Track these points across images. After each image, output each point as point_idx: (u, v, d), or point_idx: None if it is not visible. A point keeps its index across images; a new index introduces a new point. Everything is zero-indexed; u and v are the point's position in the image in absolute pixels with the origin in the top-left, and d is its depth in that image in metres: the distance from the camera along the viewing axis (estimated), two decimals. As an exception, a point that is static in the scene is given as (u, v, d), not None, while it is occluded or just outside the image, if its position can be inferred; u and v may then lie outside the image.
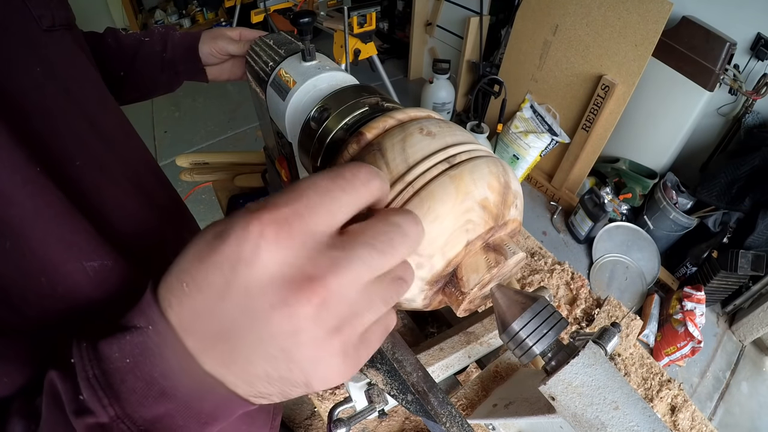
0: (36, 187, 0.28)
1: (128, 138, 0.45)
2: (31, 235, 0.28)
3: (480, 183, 0.31)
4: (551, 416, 0.35)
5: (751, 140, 1.66)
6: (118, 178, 0.39)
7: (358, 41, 1.98)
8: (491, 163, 0.32)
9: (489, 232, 0.33)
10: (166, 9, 3.69)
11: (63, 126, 0.34)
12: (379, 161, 0.32)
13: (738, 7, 1.61)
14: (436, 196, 0.30)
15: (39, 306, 0.30)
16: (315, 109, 0.46)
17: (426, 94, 2.61)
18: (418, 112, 0.38)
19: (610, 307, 0.82)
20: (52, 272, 0.30)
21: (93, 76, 0.41)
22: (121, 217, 0.37)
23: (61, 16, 0.37)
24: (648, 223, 1.89)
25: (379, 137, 0.34)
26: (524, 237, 0.97)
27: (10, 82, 0.29)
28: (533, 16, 2.04)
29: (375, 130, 0.35)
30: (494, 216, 0.32)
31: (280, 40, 0.56)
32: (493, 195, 0.32)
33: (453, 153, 0.32)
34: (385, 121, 0.36)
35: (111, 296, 0.34)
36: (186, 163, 1.00)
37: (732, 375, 1.63)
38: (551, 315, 0.33)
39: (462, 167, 0.31)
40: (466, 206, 0.30)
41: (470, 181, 0.30)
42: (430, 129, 0.33)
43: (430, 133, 0.33)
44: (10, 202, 0.27)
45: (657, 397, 0.71)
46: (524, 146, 2.12)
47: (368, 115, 0.41)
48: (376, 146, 0.33)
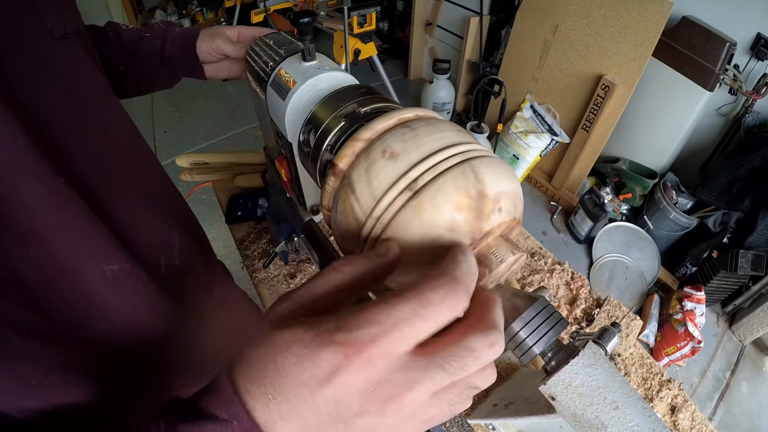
0: (60, 198, 0.29)
1: (135, 143, 0.45)
2: (54, 242, 0.29)
3: (444, 207, 0.29)
4: (551, 416, 0.35)
5: (751, 140, 1.66)
6: (128, 185, 0.39)
7: (358, 41, 1.98)
8: (459, 176, 0.30)
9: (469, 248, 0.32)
10: (166, 9, 3.69)
11: (78, 136, 0.34)
12: (351, 199, 0.32)
13: (738, 7, 1.61)
14: (401, 230, 0.29)
15: (59, 309, 0.31)
16: (302, 131, 0.46)
17: (426, 94, 2.61)
18: (387, 120, 0.36)
19: (610, 307, 0.82)
20: (72, 276, 0.31)
21: (101, 82, 0.41)
22: (134, 223, 0.38)
23: (73, 24, 0.37)
24: (648, 223, 1.89)
25: (350, 167, 0.34)
26: (524, 237, 0.97)
27: (27, 94, 0.30)
28: (533, 16, 2.04)
29: (346, 159, 0.34)
30: (469, 233, 0.30)
31: (280, 40, 0.56)
32: (463, 213, 0.30)
33: (416, 176, 0.30)
34: (353, 146, 0.35)
35: (126, 299, 0.35)
36: (186, 163, 1.00)
37: (732, 375, 1.63)
38: (551, 315, 0.33)
39: (423, 194, 0.29)
40: (433, 236, 0.29)
41: (432, 209, 0.29)
42: (393, 149, 0.32)
43: (393, 154, 0.31)
44: (36, 212, 0.28)
45: (657, 397, 0.71)
46: (524, 146, 2.12)
47: (346, 130, 0.41)
48: (347, 180, 0.33)
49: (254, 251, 0.91)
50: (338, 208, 0.34)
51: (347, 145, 0.37)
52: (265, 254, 0.90)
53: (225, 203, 1.00)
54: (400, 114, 0.37)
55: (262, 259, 0.87)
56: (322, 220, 0.61)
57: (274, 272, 0.87)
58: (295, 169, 0.57)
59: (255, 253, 0.91)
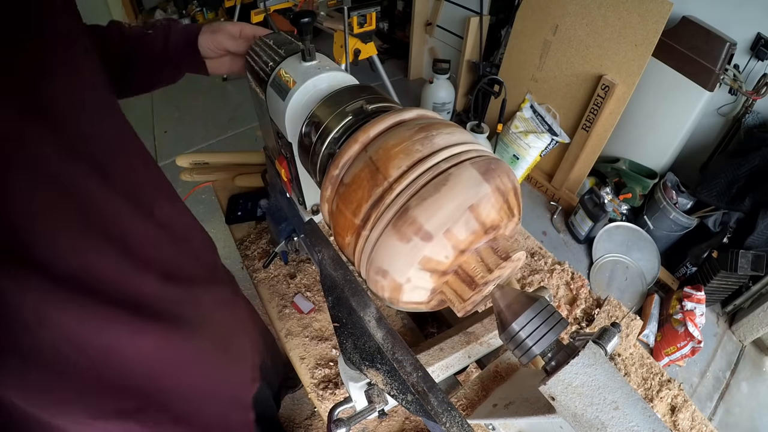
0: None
1: (129, 146, 0.45)
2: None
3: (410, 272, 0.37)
4: (551, 416, 0.35)
5: (751, 140, 1.66)
6: (119, 191, 0.39)
7: (358, 41, 1.98)
8: (395, 240, 0.36)
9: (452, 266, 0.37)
10: (166, 9, 3.69)
11: (73, 143, 0.34)
12: (349, 217, 0.39)
13: (738, 7, 1.61)
14: (384, 254, 0.37)
15: None
16: (305, 124, 0.47)
17: (426, 94, 2.61)
18: (382, 123, 0.40)
19: (610, 307, 0.82)
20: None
21: (99, 84, 0.41)
22: (136, 236, 0.39)
23: (70, 26, 0.37)
24: (648, 223, 1.89)
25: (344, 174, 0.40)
26: (524, 237, 0.97)
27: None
28: (533, 16, 2.04)
29: (338, 167, 0.40)
30: (447, 265, 0.37)
31: (280, 40, 0.56)
32: (427, 272, 0.37)
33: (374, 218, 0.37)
34: (350, 148, 0.40)
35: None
36: (186, 163, 1.00)
37: (732, 375, 1.63)
38: (551, 315, 0.33)
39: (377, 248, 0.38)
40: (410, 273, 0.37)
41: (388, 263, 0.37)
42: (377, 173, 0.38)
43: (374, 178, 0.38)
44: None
45: (657, 397, 0.71)
46: (524, 146, 2.12)
47: (346, 130, 0.44)
48: (337, 206, 0.40)
49: (254, 251, 0.91)
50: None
51: (345, 147, 0.38)
52: (265, 254, 0.90)
53: (225, 203, 1.00)
54: (396, 117, 0.40)
55: (262, 259, 0.87)
56: (322, 220, 0.61)
57: (274, 272, 0.87)
58: (295, 169, 0.57)
59: (255, 253, 0.91)
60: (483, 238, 0.36)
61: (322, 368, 0.73)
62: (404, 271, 0.36)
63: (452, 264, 0.37)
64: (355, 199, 0.38)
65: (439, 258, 0.36)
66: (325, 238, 0.54)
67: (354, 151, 0.40)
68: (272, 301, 0.83)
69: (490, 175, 0.36)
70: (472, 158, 0.37)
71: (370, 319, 0.44)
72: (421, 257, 0.35)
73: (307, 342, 0.77)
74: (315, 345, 0.77)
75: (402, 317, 0.75)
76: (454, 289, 0.38)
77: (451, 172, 0.35)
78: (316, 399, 0.70)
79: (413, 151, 0.37)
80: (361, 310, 0.45)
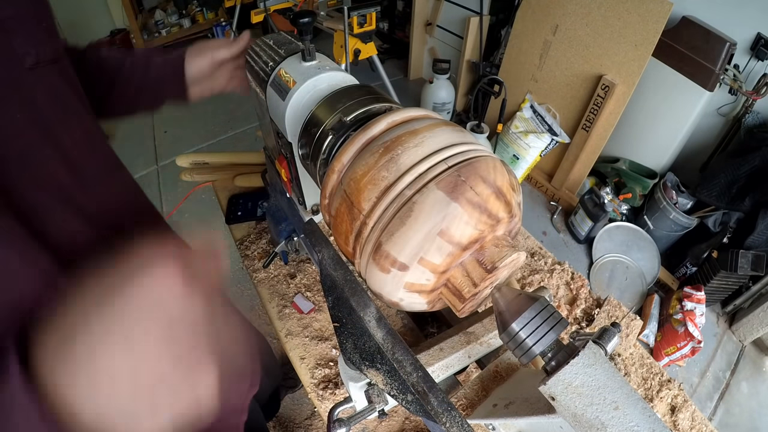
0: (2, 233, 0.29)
1: (111, 176, 0.44)
2: None
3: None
4: (551, 416, 0.35)
5: (751, 140, 1.66)
6: (94, 222, 0.38)
7: (358, 41, 1.98)
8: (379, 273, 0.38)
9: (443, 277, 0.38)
10: (166, 9, 3.68)
11: (39, 173, 0.34)
12: (342, 246, 0.41)
13: (738, 7, 1.61)
14: (372, 280, 0.39)
15: None
16: (302, 131, 0.48)
17: (426, 94, 2.61)
18: (352, 147, 0.41)
19: (610, 307, 0.82)
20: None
21: (79, 110, 0.40)
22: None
23: (47, 51, 0.36)
24: (648, 223, 1.89)
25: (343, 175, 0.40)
26: (524, 237, 0.97)
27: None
28: (533, 16, 2.04)
29: (326, 197, 0.42)
30: (429, 291, 0.39)
31: (280, 40, 0.56)
32: (414, 294, 0.39)
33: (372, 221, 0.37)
34: (329, 179, 0.41)
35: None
36: (186, 163, 1.00)
37: (732, 375, 1.63)
38: (551, 315, 0.33)
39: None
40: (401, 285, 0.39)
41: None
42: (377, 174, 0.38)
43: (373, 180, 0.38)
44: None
45: (657, 397, 0.71)
46: (524, 146, 2.12)
47: (346, 130, 0.45)
48: (334, 231, 0.42)
49: (254, 251, 0.91)
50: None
51: (345, 146, 0.38)
52: (265, 254, 0.90)
53: (225, 203, 1.00)
54: (365, 135, 0.41)
55: (262, 259, 0.87)
56: (322, 220, 0.61)
57: (274, 272, 0.87)
58: (295, 169, 0.57)
59: (255, 253, 0.91)
60: (463, 255, 0.36)
61: (322, 368, 0.73)
62: (394, 294, 0.39)
63: (437, 283, 0.38)
64: (343, 231, 0.40)
65: (421, 282, 0.37)
66: (325, 238, 0.54)
67: (333, 182, 0.42)
68: (272, 301, 0.83)
69: (458, 191, 0.34)
70: (439, 174, 0.36)
71: (370, 319, 0.44)
72: (404, 283, 0.37)
73: (307, 342, 0.77)
74: (315, 345, 0.77)
75: (402, 317, 0.75)
76: (448, 299, 0.40)
77: (414, 200, 0.35)
78: (316, 399, 0.70)
79: (379, 180, 0.37)
80: (361, 310, 0.45)
